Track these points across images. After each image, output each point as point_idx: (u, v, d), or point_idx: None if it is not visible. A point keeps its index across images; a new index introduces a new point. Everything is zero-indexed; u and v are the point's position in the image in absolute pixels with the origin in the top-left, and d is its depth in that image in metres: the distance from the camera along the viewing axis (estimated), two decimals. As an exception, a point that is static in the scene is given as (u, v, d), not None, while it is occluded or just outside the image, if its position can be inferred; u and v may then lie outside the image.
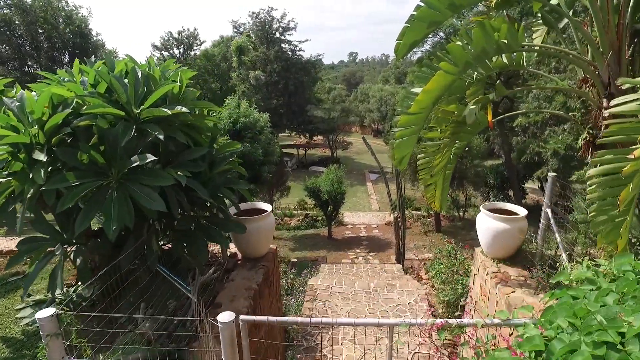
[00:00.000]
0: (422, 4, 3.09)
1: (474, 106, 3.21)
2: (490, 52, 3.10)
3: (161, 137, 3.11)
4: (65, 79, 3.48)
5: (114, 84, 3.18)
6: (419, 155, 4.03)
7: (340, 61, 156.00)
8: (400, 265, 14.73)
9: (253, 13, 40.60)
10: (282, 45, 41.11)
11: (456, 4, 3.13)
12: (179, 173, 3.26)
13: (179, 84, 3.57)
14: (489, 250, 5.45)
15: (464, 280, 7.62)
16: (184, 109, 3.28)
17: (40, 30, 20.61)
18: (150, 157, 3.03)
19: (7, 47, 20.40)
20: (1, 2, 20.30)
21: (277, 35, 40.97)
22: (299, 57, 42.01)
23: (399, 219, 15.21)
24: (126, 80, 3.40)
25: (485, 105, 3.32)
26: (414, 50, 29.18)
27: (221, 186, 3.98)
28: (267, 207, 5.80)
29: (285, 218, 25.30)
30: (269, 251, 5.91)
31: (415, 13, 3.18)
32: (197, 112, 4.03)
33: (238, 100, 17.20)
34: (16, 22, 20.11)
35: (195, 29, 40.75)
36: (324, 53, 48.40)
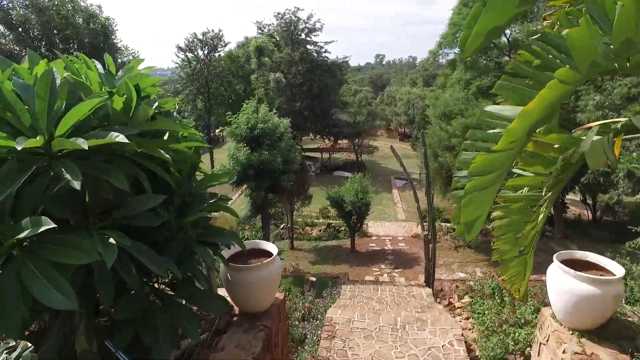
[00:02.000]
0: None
1: (598, 137, 1.88)
2: (638, 44, 1.75)
3: (76, 184, 1.89)
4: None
5: (8, 96, 1.99)
6: (494, 214, 2.64)
7: (366, 63, 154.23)
8: (430, 290, 13.25)
9: (278, 14, 39.66)
10: (308, 46, 39.95)
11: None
12: (110, 241, 2.04)
13: (124, 96, 2.35)
14: (566, 317, 4.03)
15: (518, 334, 6.17)
16: (121, 138, 2.05)
17: (55, 31, 20.00)
18: (46, 225, 1.81)
19: (24, 47, 19.84)
20: (18, 3, 19.84)
21: (303, 36, 39.85)
22: (325, 58, 40.77)
23: (428, 237, 13.73)
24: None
25: (616, 135, 1.99)
26: (445, 50, 27.41)
27: (193, 242, 2.75)
28: (271, 248, 4.55)
29: (307, 227, 24.07)
30: (274, 303, 4.67)
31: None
32: (166, 137, 2.82)
33: (257, 105, 16.08)
34: (32, 22, 19.56)
35: (219, 30, 40.01)
36: (351, 55, 47.00)
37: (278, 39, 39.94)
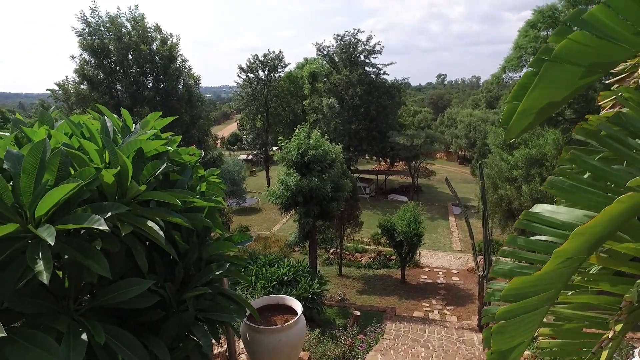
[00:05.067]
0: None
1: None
2: None
3: (45, 278, 1.71)
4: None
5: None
6: (540, 330, 2.13)
7: (427, 82, 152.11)
8: (482, 335, 12.20)
9: (338, 35, 39.98)
10: (366, 68, 39.87)
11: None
12: (82, 337, 1.83)
13: (118, 168, 2.16)
14: None
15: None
16: (100, 223, 1.85)
17: (130, 57, 21.52)
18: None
19: (100, 73, 21.57)
20: (102, 30, 21.57)
21: (362, 58, 39.87)
22: (383, 80, 40.43)
23: (484, 278, 12.74)
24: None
25: None
26: (509, 74, 25.94)
27: (191, 321, 2.49)
28: (296, 305, 4.22)
29: (357, 254, 23.51)
30: (297, 365, 4.33)
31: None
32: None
33: (308, 130, 16.02)
34: (112, 49, 21.26)
35: (280, 52, 41.07)
36: (409, 77, 45.78)
37: (337, 60, 40.25)
